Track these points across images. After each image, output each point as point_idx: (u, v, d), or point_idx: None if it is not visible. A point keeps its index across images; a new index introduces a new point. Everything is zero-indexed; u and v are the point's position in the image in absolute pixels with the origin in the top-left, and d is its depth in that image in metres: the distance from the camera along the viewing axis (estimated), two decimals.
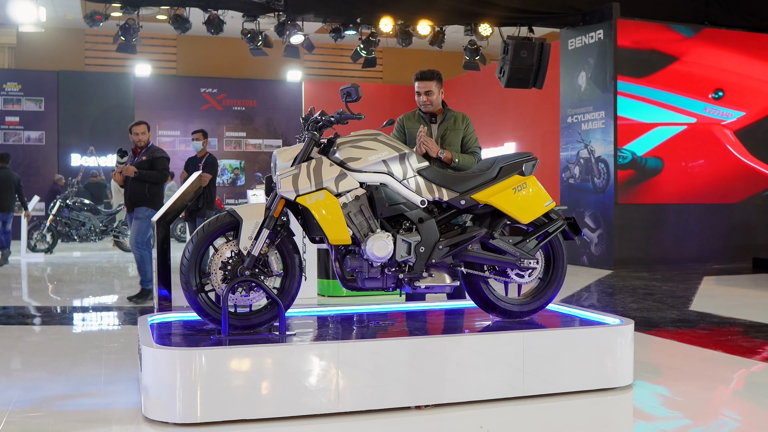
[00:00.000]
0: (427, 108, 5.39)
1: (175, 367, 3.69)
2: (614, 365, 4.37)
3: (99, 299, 8.67)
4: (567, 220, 4.76)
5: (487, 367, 4.09)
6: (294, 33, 12.20)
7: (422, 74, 5.37)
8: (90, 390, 4.44)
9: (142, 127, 8.37)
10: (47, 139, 20.32)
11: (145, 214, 8.03)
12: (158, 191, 8.25)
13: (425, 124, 5.39)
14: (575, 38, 12.86)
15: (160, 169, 8.22)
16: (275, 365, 3.78)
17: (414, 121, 5.43)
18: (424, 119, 5.43)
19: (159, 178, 8.20)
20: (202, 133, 9.74)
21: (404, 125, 5.45)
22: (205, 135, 9.76)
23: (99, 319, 7.53)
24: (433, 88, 5.33)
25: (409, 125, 5.43)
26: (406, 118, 5.50)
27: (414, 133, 5.34)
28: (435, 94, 5.35)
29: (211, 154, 9.71)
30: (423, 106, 5.40)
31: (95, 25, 11.35)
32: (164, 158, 8.32)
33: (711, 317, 7.16)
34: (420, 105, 5.41)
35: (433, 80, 5.35)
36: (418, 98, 5.38)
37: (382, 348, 3.95)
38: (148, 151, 8.30)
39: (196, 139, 9.64)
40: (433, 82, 5.34)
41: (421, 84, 5.35)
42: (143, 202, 8.11)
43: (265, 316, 4.27)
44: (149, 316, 4.66)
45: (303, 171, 4.17)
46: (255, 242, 4.16)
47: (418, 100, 5.39)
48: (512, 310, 4.68)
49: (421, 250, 4.34)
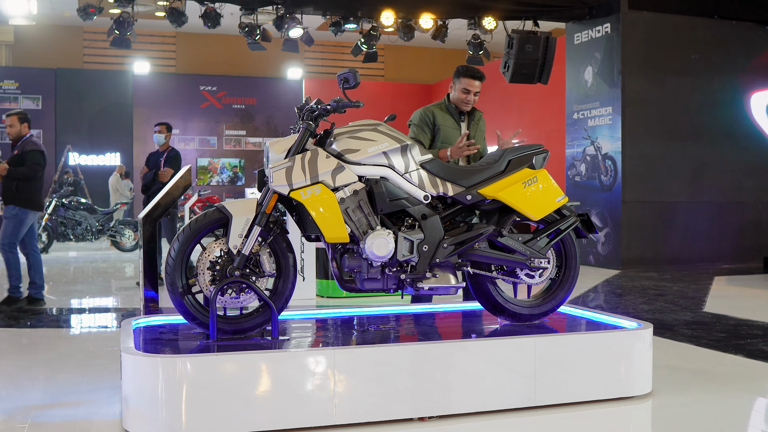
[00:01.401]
0: (467, 107, 5.19)
1: (157, 375, 3.39)
2: (632, 372, 4.07)
3: (92, 301, 8.38)
4: (580, 217, 4.47)
5: (495, 374, 3.79)
6: (293, 26, 11.89)
7: (477, 73, 5.14)
8: (69, 399, 4.14)
9: (11, 118, 7.50)
10: (45, 137, 20.03)
11: (12, 212, 7.31)
12: (29, 188, 7.40)
13: (457, 121, 5.19)
14: (581, 32, 12.55)
15: (30, 164, 7.37)
16: (267, 373, 3.48)
17: (447, 117, 5.19)
18: (455, 116, 5.20)
19: (28, 174, 7.36)
20: (166, 126, 9.39)
21: (435, 119, 5.17)
22: (168, 128, 9.41)
23: (90, 321, 7.24)
24: (480, 88, 5.17)
25: (442, 121, 5.16)
26: (436, 111, 5.21)
27: (449, 132, 5.12)
28: (478, 95, 5.19)
29: (174, 148, 9.36)
30: (464, 104, 5.17)
31: (89, 19, 11.05)
32: (35, 152, 7.46)
33: (727, 319, 6.85)
34: (461, 102, 5.16)
35: (482, 80, 5.18)
36: (462, 95, 5.13)
37: (382, 354, 3.65)
38: (22, 144, 7.49)
39: (158, 132, 9.29)
40: (481, 83, 5.17)
41: (474, 83, 5.13)
42: (12, 200, 7.34)
43: (257, 319, 3.97)
44: (134, 320, 4.36)
45: (297, 164, 3.87)
46: (246, 240, 3.86)
47: (459, 97, 5.15)
48: (522, 312, 4.38)
49: (425, 249, 4.04)
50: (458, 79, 5.16)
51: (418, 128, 5.17)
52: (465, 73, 5.15)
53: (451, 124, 5.16)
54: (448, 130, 5.14)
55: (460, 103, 5.16)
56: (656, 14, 12.03)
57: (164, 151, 9.25)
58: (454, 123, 5.17)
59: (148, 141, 20.70)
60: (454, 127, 5.16)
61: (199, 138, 21.22)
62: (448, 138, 5.11)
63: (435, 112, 5.18)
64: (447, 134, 5.13)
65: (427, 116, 5.18)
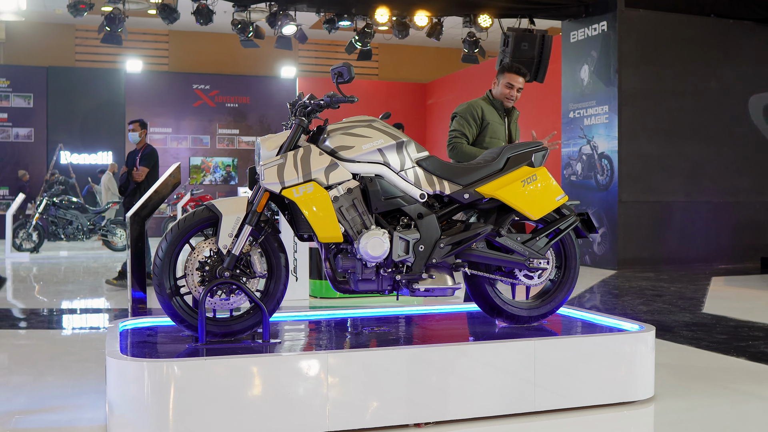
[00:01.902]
0: (509, 103, 5.21)
1: (143, 380, 3.26)
2: (634, 376, 3.95)
3: (82, 301, 8.23)
4: (580, 216, 4.35)
5: (494, 379, 3.67)
6: (286, 23, 11.75)
7: (521, 69, 5.17)
8: (54, 403, 4.00)
9: None
10: (36, 136, 19.90)
11: None
12: None
13: (502, 117, 5.22)
14: (578, 30, 12.45)
15: None
16: (257, 378, 3.35)
17: (494, 112, 5.20)
18: (500, 112, 5.21)
19: None
20: (139, 123, 9.10)
21: (483, 114, 5.13)
22: (142, 125, 9.11)
23: (79, 322, 7.10)
24: (523, 84, 5.18)
25: (490, 116, 5.16)
26: (484, 105, 5.19)
27: (497, 128, 5.14)
28: (521, 91, 5.20)
29: (150, 145, 9.10)
30: (507, 100, 5.18)
31: (79, 15, 10.88)
32: None
33: (727, 320, 6.74)
34: (504, 97, 5.18)
35: (526, 77, 5.20)
36: (506, 90, 5.15)
37: (376, 358, 3.52)
38: None
39: (132, 131, 9.01)
40: (524, 79, 5.19)
41: (518, 79, 5.15)
42: None
43: (248, 321, 3.84)
44: (121, 322, 4.23)
45: (289, 161, 3.74)
46: (236, 240, 3.73)
47: (502, 92, 5.17)
48: (520, 314, 4.25)
49: (421, 249, 3.91)
50: (502, 75, 5.17)
51: (464, 120, 5.12)
52: (510, 69, 5.17)
53: (497, 119, 5.20)
54: (496, 125, 5.17)
55: (504, 99, 5.17)
56: (653, 12, 11.93)
57: (140, 149, 9.00)
58: (499, 119, 5.21)
59: None
60: (500, 123, 5.19)
61: (192, 137, 21.06)
62: (497, 133, 5.14)
63: (483, 106, 5.19)
64: (495, 129, 5.15)
65: (475, 110, 5.15)
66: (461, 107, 5.22)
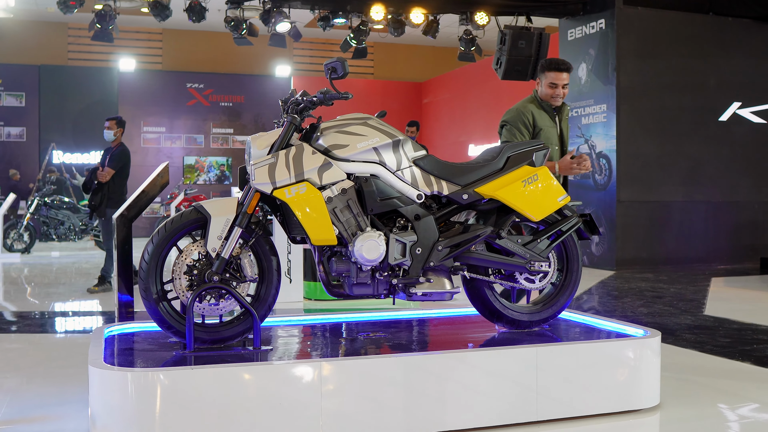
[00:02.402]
0: (556, 102, 4.96)
1: (126, 391, 3.10)
2: (639, 384, 3.81)
3: (73, 304, 8.06)
4: (582, 217, 4.21)
5: (494, 387, 3.52)
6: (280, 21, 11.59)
7: (562, 65, 4.90)
8: (36, 413, 3.84)
9: None
10: (28, 135, 19.71)
11: None
12: None
13: (552, 119, 4.98)
14: (575, 28, 12.31)
15: None
16: (247, 388, 3.20)
17: (544, 116, 4.97)
18: (550, 114, 4.98)
19: None
20: (116, 120, 8.78)
21: (535, 120, 4.90)
22: (119, 123, 8.79)
23: (68, 325, 6.94)
24: (568, 80, 4.94)
25: (541, 121, 4.94)
26: (534, 109, 4.96)
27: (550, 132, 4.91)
28: (568, 87, 4.97)
29: (123, 144, 8.80)
30: (554, 99, 4.95)
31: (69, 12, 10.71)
32: None
33: (730, 323, 6.61)
34: (550, 98, 4.95)
35: (570, 71, 4.96)
36: (550, 90, 4.92)
37: (373, 367, 3.37)
38: None
39: (108, 128, 8.69)
40: (569, 74, 4.95)
41: (561, 76, 4.90)
42: None
43: (238, 327, 3.69)
44: (107, 327, 4.07)
45: (281, 160, 3.58)
46: (225, 243, 3.58)
47: (547, 93, 4.94)
48: (521, 319, 4.11)
49: (418, 252, 3.76)
50: (544, 74, 4.95)
51: (515, 129, 4.89)
52: (550, 67, 4.94)
53: (549, 123, 4.96)
54: (548, 130, 4.93)
55: (550, 99, 4.94)
56: (651, 10, 11.80)
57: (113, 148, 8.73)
58: (550, 121, 4.97)
59: (133, 139, 20.36)
60: (552, 126, 4.97)
61: (186, 136, 20.89)
62: (549, 139, 4.91)
63: (533, 110, 4.95)
64: (548, 135, 4.92)
65: (525, 116, 4.92)
66: (510, 114, 4.97)
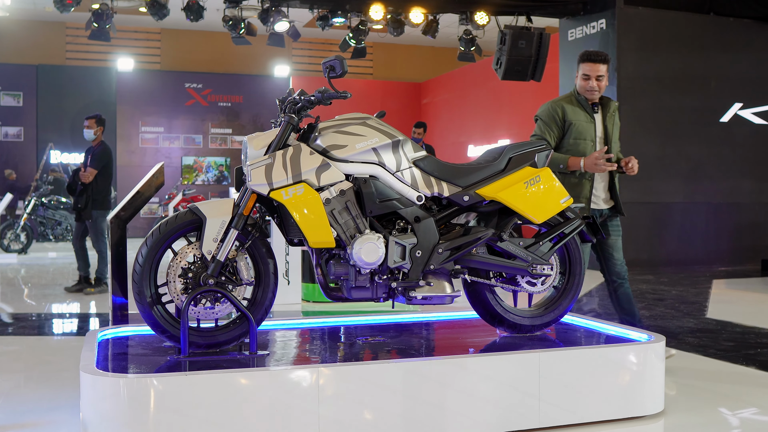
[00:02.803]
0: (592, 95, 4.76)
1: (118, 397, 3.02)
2: (643, 390, 3.73)
3: (69, 305, 7.98)
4: (585, 220, 4.13)
5: (496, 394, 3.44)
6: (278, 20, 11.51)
7: (596, 56, 4.73)
8: (27, 419, 3.76)
9: None
10: (26, 135, 19.60)
11: None
12: None
13: (590, 114, 4.78)
14: (576, 28, 12.23)
15: None
16: (243, 394, 3.12)
17: (578, 111, 4.77)
18: (587, 109, 4.78)
19: None
20: (95, 119, 8.62)
21: (564, 114, 4.75)
22: (99, 122, 8.63)
23: (64, 327, 6.86)
24: (604, 72, 4.73)
25: (573, 116, 4.75)
26: (566, 104, 4.79)
27: (583, 127, 4.73)
28: (605, 80, 4.75)
29: (104, 143, 8.68)
30: (589, 93, 4.76)
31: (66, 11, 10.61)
32: None
33: (732, 326, 6.53)
34: (585, 91, 4.76)
35: (605, 63, 4.74)
36: (583, 83, 4.74)
37: (371, 373, 3.29)
38: None
39: (87, 127, 8.55)
40: (605, 66, 4.73)
41: (594, 67, 4.70)
42: None
43: (234, 332, 3.61)
44: (100, 331, 4.00)
45: (278, 160, 3.51)
46: (221, 245, 3.51)
47: (582, 86, 4.76)
48: (522, 323, 4.03)
49: (418, 255, 3.69)
50: (577, 67, 4.80)
51: (544, 125, 4.78)
52: (582, 58, 4.78)
53: (583, 118, 4.77)
54: (582, 124, 4.75)
55: (585, 92, 4.76)
56: (652, 10, 11.72)
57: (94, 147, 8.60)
58: (587, 116, 4.78)
59: (131, 139, 20.29)
60: (587, 121, 4.77)
61: (185, 136, 20.79)
62: (583, 133, 4.74)
63: (564, 105, 4.78)
64: (581, 130, 4.74)
65: (555, 111, 4.78)
66: (542, 109, 4.85)
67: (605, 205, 4.88)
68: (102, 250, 8.55)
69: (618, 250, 5.04)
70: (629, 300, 5.06)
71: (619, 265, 5.03)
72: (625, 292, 5.05)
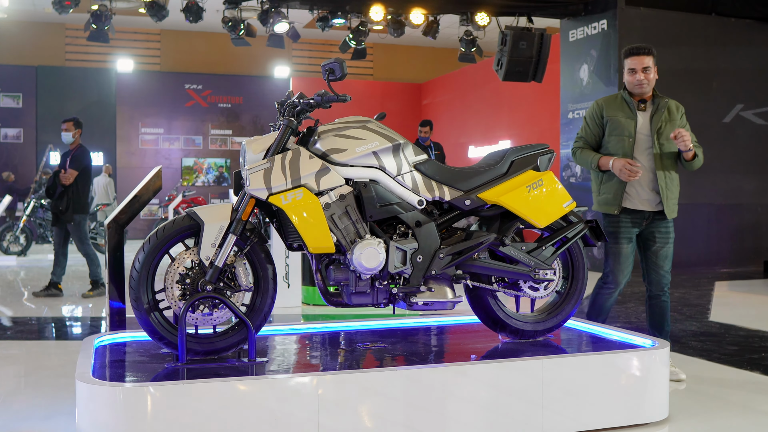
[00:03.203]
0: (642, 89, 4.56)
1: (114, 406, 2.97)
2: (648, 396, 3.68)
3: (68, 308, 7.92)
4: (588, 224, 4.08)
5: (498, 402, 3.38)
6: (278, 21, 11.46)
7: (641, 49, 4.55)
8: (21, 427, 3.71)
9: None
10: (25, 136, 19.57)
11: None
12: None
13: (633, 110, 4.57)
14: (577, 29, 12.18)
15: None
16: (241, 402, 3.06)
17: (617, 108, 4.60)
18: (630, 105, 4.59)
19: None
20: (73, 122, 8.55)
21: (603, 112, 4.62)
22: (77, 125, 8.56)
23: (62, 332, 6.80)
24: (650, 64, 4.53)
25: (611, 112, 4.59)
26: (607, 101, 4.67)
27: (620, 123, 4.54)
28: (652, 72, 4.55)
29: (83, 146, 8.58)
30: (636, 87, 4.56)
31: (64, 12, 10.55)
32: None
33: (736, 330, 6.48)
34: (634, 86, 4.57)
35: (650, 55, 4.55)
36: (629, 77, 4.56)
37: (372, 380, 3.24)
38: None
39: (65, 130, 8.47)
40: (650, 58, 4.54)
41: (641, 60, 4.53)
42: None
43: (232, 338, 3.56)
44: (97, 337, 3.94)
45: (277, 165, 3.46)
46: (219, 250, 3.46)
47: (628, 81, 4.58)
48: (525, 329, 3.98)
49: (419, 260, 3.64)
50: (624, 62, 4.62)
51: (585, 123, 4.71)
52: (626, 54, 4.61)
53: (623, 113, 4.58)
54: (620, 120, 4.56)
55: (634, 88, 4.57)
56: (653, 10, 11.66)
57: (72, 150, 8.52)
58: (628, 112, 4.58)
59: (131, 140, 20.23)
60: (627, 117, 4.57)
61: (185, 137, 20.76)
62: (620, 129, 4.55)
63: (605, 102, 4.66)
64: (618, 125, 4.56)
65: (594, 109, 4.69)
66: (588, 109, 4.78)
67: (650, 207, 4.65)
68: (89, 253, 8.49)
69: (664, 258, 4.90)
70: (662, 314, 4.89)
71: (663, 275, 4.90)
72: (660, 305, 4.91)
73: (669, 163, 4.61)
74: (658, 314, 4.90)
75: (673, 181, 4.67)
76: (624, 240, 4.78)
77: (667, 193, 4.62)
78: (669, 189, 4.64)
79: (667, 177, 4.62)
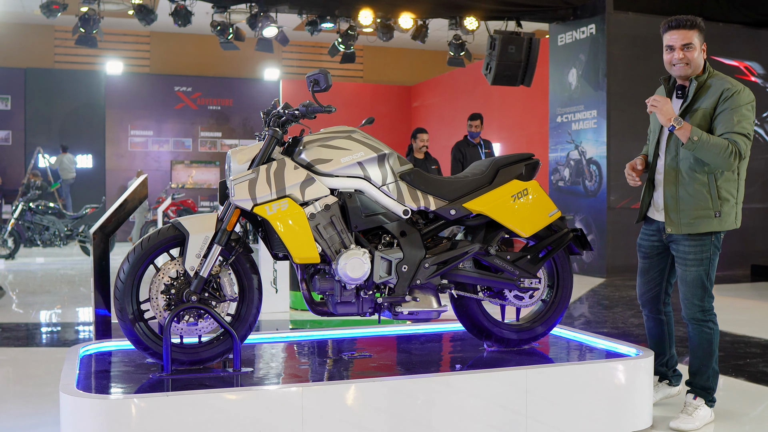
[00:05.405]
0: (683, 71, 3.75)
1: (98, 419, 2.97)
2: (631, 405, 3.70)
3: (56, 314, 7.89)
4: (573, 232, 4.09)
5: (482, 412, 3.40)
6: (267, 25, 11.45)
7: (678, 22, 3.72)
8: None
9: None
10: (14, 138, 19.48)
11: None
12: None
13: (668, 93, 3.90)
14: (565, 33, 12.22)
15: None
16: (225, 414, 3.06)
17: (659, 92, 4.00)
18: (666, 90, 3.93)
19: None
20: None
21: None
22: None
23: (49, 338, 6.77)
24: (693, 40, 3.70)
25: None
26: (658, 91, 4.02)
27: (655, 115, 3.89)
28: (696, 50, 3.71)
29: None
30: (677, 69, 3.77)
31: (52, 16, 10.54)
32: None
33: (722, 335, 6.47)
34: (671, 66, 3.80)
35: (693, 29, 3.71)
36: (666, 57, 3.80)
37: (356, 391, 3.25)
38: None
39: None
40: (692, 32, 3.71)
41: (673, 35, 3.73)
42: None
43: (217, 348, 3.57)
44: (82, 347, 3.94)
45: (262, 175, 3.46)
46: (204, 261, 3.46)
47: (667, 60, 3.80)
48: (510, 337, 4.00)
49: (404, 269, 3.65)
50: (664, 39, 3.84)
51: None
52: (664, 28, 3.82)
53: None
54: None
55: (672, 69, 3.80)
56: (642, 15, 11.71)
57: None
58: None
59: (120, 143, 20.18)
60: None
61: (174, 140, 20.70)
62: (652, 122, 4.00)
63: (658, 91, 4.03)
64: (653, 118, 3.96)
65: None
66: None
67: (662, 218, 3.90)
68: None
69: (683, 282, 3.83)
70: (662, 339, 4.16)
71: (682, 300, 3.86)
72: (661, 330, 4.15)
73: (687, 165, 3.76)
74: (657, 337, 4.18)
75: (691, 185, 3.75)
76: (640, 253, 4.09)
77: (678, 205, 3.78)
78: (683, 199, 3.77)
79: (682, 181, 3.77)
